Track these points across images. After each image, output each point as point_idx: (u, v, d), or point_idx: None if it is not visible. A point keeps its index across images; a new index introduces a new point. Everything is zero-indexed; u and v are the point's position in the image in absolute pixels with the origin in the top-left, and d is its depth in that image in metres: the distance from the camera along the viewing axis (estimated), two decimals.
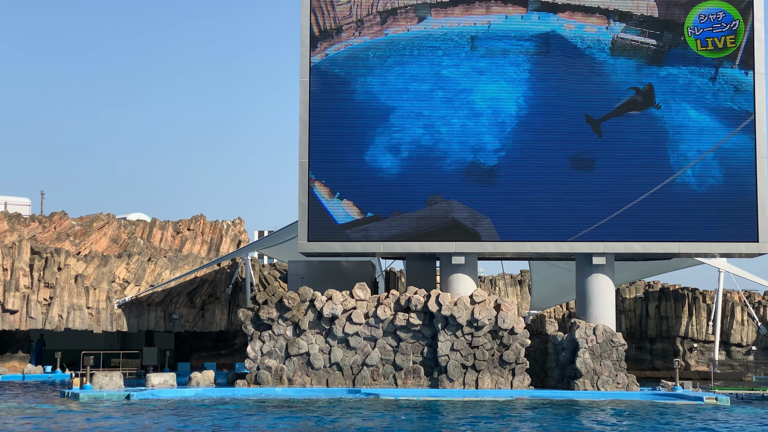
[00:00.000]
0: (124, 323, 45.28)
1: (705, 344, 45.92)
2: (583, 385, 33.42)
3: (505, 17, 34.67)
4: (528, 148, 34.37)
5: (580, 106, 34.30)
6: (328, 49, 34.92)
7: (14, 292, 43.01)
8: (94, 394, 31.38)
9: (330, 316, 33.89)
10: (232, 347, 49.48)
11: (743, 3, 34.23)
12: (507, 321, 33.64)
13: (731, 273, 43.51)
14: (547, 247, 34.41)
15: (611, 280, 35.02)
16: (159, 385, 33.82)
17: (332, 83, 34.83)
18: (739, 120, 34.05)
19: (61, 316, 43.74)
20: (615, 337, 33.96)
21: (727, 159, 34.01)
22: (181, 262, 47.71)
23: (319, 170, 34.59)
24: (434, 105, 34.65)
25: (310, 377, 33.98)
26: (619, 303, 45.92)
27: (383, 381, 33.81)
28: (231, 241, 51.38)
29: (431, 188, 34.39)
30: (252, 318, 34.48)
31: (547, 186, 34.16)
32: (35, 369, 43.24)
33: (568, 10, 34.50)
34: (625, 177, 34.05)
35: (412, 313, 33.88)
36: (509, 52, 34.61)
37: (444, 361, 33.58)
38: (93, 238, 47.99)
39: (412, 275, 36.90)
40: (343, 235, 34.39)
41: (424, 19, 34.79)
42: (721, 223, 33.86)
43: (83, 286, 44.42)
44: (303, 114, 34.70)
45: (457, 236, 34.21)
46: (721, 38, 34.19)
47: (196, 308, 47.23)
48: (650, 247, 34.22)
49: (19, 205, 62.33)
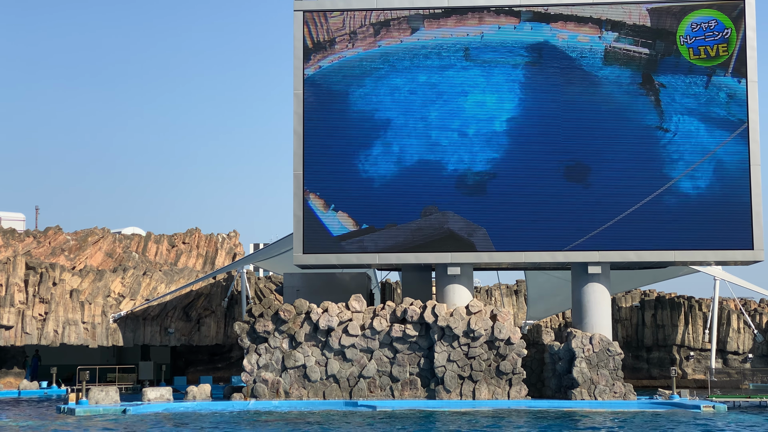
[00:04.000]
0: (120, 338, 45.18)
1: (701, 352, 45.90)
2: (580, 394, 33.39)
3: (498, 28, 34.75)
4: (522, 157, 34.41)
5: (574, 116, 34.37)
6: (322, 62, 34.97)
7: (9, 308, 42.90)
8: (90, 410, 31.27)
9: (326, 328, 33.85)
10: (228, 360, 49.37)
11: (735, 11, 34.34)
12: (503, 331, 33.62)
13: (727, 281, 43.52)
14: (542, 256, 34.42)
15: (607, 289, 35.02)
16: (155, 400, 33.73)
17: (326, 95, 34.87)
18: (733, 128, 34.13)
19: (56, 331, 43.62)
20: (611, 347, 33.95)
21: (721, 167, 34.08)
22: (177, 275, 47.64)
23: (314, 182, 34.60)
24: (428, 116, 34.69)
25: (307, 390, 33.92)
26: (615, 312, 45.91)
27: (380, 393, 33.75)
28: (226, 254, 51.33)
29: (426, 199, 34.41)
30: (248, 331, 34.42)
31: (541, 195, 34.20)
32: (31, 385, 43.09)
33: (561, 20, 34.59)
34: (620, 186, 34.10)
35: (409, 324, 33.85)
36: (502, 62, 34.68)
37: (441, 372, 33.54)
38: (88, 253, 47.91)
39: (407, 286, 36.88)
40: (339, 247, 34.38)
41: (417, 31, 34.86)
42: (716, 231, 33.91)
43: (78, 300, 44.32)
44: (297, 126, 34.73)
45: (452, 247, 34.21)
46: (714, 47, 34.29)
47: (191, 322, 47.14)
48: (646, 256, 34.24)
49: (14, 220, 62.25)
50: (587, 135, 34.32)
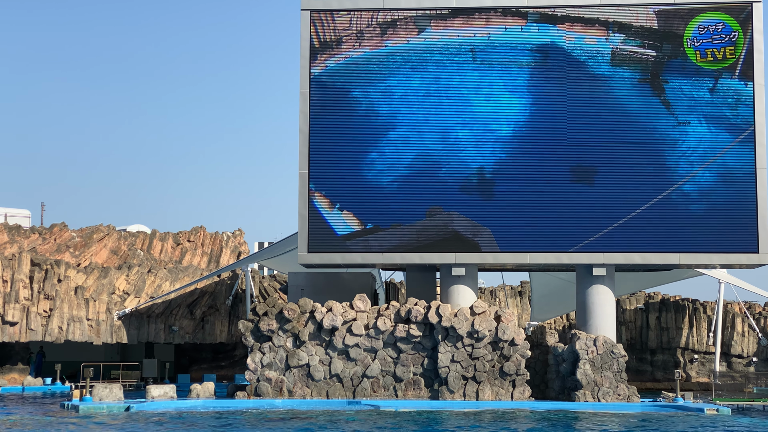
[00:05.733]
0: (124, 335, 45.23)
1: (706, 355, 45.85)
2: (583, 396, 33.36)
3: (505, 29, 34.74)
4: (528, 159, 34.39)
5: (580, 118, 34.34)
6: (328, 61, 34.98)
7: (14, 304, 42.98)
8: (93, 406, 31.33)
9: (330, 327, 33.86)
10: (232, 359, 49.43)
11: (742, 14, 34.30)
12: (507, 332, 33.60)
13: (731, 284, 43.46)
14: (547, 258, 34.40)
15: (611, 291, 34.99)
16: (159, 397, 33.77)
17: (332, 95, 34.88)
18: (739, 131, 34.08)
19: (60, 327, 43.70)
20: (615, 349, 33.91)
21: (727, 170, 34.03)
22: (181, 273, 47.69)
23: (319, 181, 34.62)
24: (434, 116, 34.68)
25: (310, 389, 33.93)
26: (619, 314, 45.87)
27: (383, 392, 33.76)
28: (231, 253, 51.37)
29: (431, 199, 34.40)
30: (252, 329, 34.44)
31: (547, 197, 34.18)
32: (35, 381, 43.17)
33: (568, 21, 34.57)
34: (626, 188, 34.07)
35: (413, 324, 33.85)
36: (509, 63, 34.67)
37: (444, 372, 33.53)
38: (93, 250, 47.98)
39: (412, 286, 36.87)
40: (343, 247, 34.38)
41: (423, 31, 34.86)
42: (721, 233, 33.86)
43: (83, 297, 44.39)
44: (303, 125, 34.74)
45: (457, 247, 34.20)
46: (721, 49, 34.24)
47: (196, 320, 47.19)
48: (650, 258, 34.21)
49: (19, 216, 62.35)
50: (593, 137, 34.28)
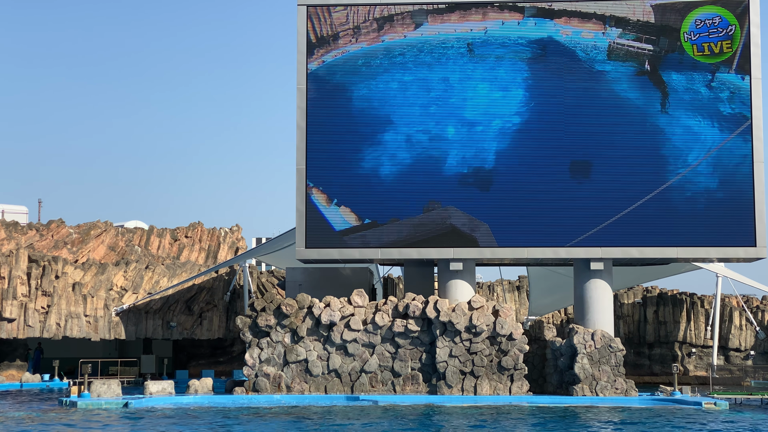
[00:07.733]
0: (122, 331, 45.22)
1: (703, 349, 45.91)
2: (581, 390, 33.39)
3: (502, 23, 34.71)
4: (525, 153, 34.38)
5: (577, 112, 34.33)
6: (325, 56, 34.94)
7: (12, 301, 42.94)
8: (91, 403, 31.30)
9: (328, 322, 33.86)
10: (230, 354, 49.42)
11: (739, 8, 34.27)
12: (505, 327, 33.62)
13: (729, 278, 43.52)
14: (544, 252, 34.40)
15: (609, 285, 35.01)
16: (157, 393, 33.76)
17: (329, 90, 34.84)
18: (736, 124, 34.08)
19: (58, 324, 43.67)
20: (613, 343, 33.94)
21: (725, 163, 34.04)
22: (179, 269, 47.66)
23: (317, 177, 34.60)
24: (431, 111, 34.66)
25: (309, 384, 33.94)
26: (617, 308, 45.90)
27: (382, 387, 33.77)
28: (229, 249, 51.32)
29: (429, 194, 34.39)
30: (250, 325, 34.44)
31: (544, 191, 34.17)
32: (33, 377, 43.13)
33: (565, 15, 34.53)
34: (623, 182, 34.07)
35: (410, 319, 33.85)
36: (506, 58, 34.64)
37: (442, 367, 33.55)
38: (90, 246, 47.93)
39: (410, 281, 36.88)
40: (341, 242, 34.38)
41: (420, 26, 34.82)
42: (718, 227, 33.88)
43: (81, 294, 44.36)
44: (300, 121, 34.71)
45: (454, 242, 34.20)
46: (718, 43, 34.23)
47: (194, 316, 47.18)
48: (648, 252, 34.23)
49: (17, 213, 62.18)
50: (590, 131, 34.28)
